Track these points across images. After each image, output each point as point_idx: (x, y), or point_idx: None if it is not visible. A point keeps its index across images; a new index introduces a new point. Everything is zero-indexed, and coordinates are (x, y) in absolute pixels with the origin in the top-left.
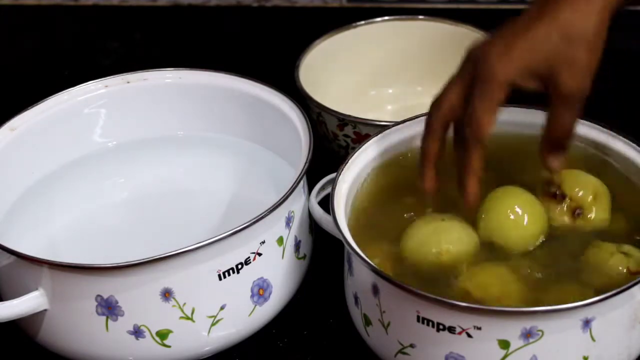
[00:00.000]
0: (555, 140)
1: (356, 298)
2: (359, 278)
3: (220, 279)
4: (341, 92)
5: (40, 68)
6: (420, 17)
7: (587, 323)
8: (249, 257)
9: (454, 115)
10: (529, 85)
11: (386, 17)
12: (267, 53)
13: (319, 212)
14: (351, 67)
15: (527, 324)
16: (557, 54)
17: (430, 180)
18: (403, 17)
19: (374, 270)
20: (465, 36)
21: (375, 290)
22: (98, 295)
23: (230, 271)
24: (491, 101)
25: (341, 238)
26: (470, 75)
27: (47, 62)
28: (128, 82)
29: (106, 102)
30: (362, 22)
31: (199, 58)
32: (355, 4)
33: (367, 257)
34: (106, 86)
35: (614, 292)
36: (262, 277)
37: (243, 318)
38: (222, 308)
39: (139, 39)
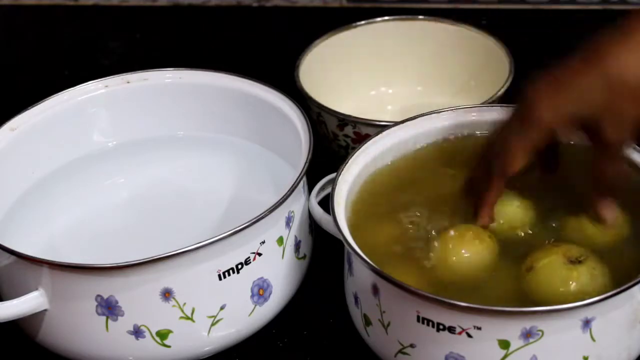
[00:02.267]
0: (602, 187)
1: (356, 298)
2: (359, 278)
3: (220, 279)
4: (341, 92)
5: (40, 68)
6: (420, 17)
7: (587, 323)
8: (249, 257)
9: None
10: (570, 133)
11: (386, 17)
12: (267, 53)
13: (319, 212)
14: (351, 67)
15: (527, 324)
16: (603, 105)
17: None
18: (403, 17)
19: (374, 270)
20: (465, 36)
21: (375, 290)
22: (98, 295)
23: (230, 271)
24: (528, 142)
25: (341, 238)
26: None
27: (47, 62)
28: (128, 82)
29: (106, 102)
30: (362, 22)
31: (199, 58)
32: (355, 4)
33: (366, 256)
34: (106, 86)
35: (614, 292)
36: (262, 277)
37: (243, 318)
38: (222, 308)
39: (139, 39)
